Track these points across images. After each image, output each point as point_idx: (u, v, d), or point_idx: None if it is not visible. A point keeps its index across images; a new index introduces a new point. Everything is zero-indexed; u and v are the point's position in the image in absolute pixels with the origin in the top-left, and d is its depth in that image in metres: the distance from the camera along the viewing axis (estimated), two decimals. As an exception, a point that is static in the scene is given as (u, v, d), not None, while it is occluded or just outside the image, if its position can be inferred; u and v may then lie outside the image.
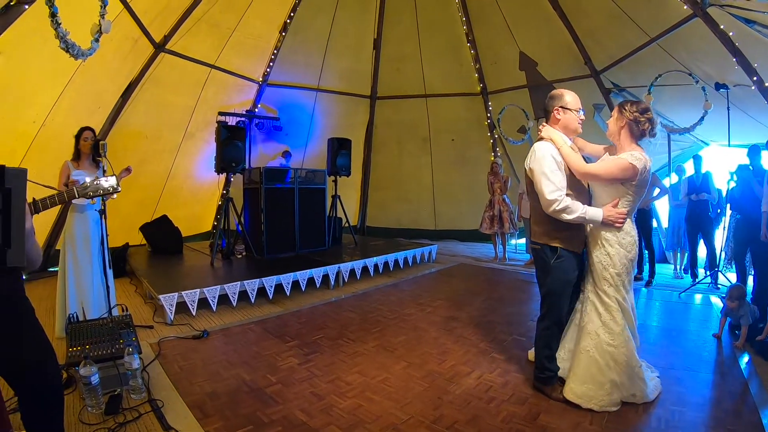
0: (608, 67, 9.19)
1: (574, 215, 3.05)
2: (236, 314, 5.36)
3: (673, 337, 4.84)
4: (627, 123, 3.13)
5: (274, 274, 5.97)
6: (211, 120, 9.28)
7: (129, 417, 2.98)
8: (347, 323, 5.12)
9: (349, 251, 8.25)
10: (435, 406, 3.20)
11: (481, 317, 5.39)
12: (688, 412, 3.14)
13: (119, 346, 3.44)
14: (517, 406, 3.20)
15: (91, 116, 7.22)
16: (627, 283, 3.22)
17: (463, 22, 10.75)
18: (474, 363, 3.99)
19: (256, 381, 3.57)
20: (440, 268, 8.58)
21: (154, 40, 7.81)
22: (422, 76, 11.87)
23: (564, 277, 3.27)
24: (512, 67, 10.74)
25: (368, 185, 12.99)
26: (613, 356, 3.17)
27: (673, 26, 7.36)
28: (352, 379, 3.65)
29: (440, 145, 12.33)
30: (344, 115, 12.15)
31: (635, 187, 3.10)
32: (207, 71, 9.24)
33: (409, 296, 6.44)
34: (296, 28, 10.28)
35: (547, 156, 3.16)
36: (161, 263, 7.27)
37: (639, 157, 3.02)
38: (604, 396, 3.17)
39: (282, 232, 7.59)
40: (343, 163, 8.90)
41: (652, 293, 6.82)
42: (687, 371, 3.86)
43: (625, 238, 3.17)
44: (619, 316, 3.19)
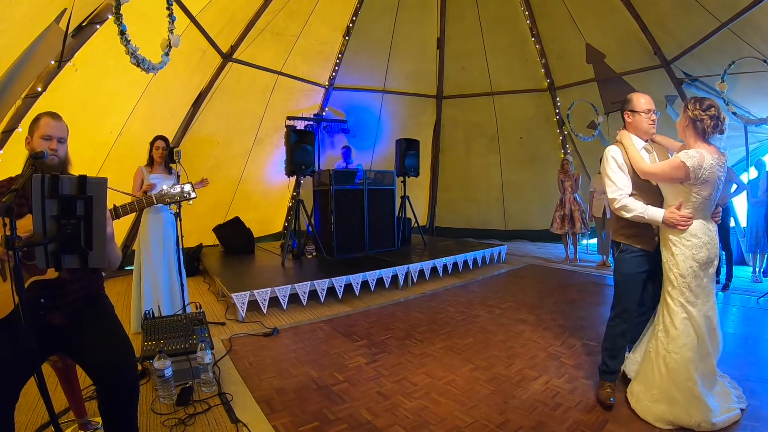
0: (678, 56, 8.69)
1: (633, 213, 3.15)
2: (306, 313, 5.42)
3: (750, 345, 4.52)
4: (690, 121, 3.02)
5: (344, 275, 6.01)
6: (279, 125, 9.46)
7: (199, 408, 3.09)
8: (415, 324, 5.09)
9: (418, 252, 8.20)
10: (500, 411, 3.14)
11: (550, 320, 5.26)
12: (762, 428, 2.92)
13: (192, 341, 3.56)
14: (584, 414, 3.11)
15: (165, 124, 7.52)
16: (695, 288, 3.05)
17: (525, 16, 10.49)
18: (542, 368, 3.90)
19: (324, 379, 3.60)
20: (510, 269, 8.38)
21: (221, 51, 8.06)
22: (488, 74, 11.65)
23: (625, 271, 3.35)
24: (579, 60, 10.37)
25: (437, 186, 12.89)
26: (666, 361, 3.08)
27: (745, 9, 6.92)
28: (418, 379, 3.63)
29: (508, 143, 12.08)
30: (411, 115, 12.12)
31: (696, 187, 2.97)
32: (274, 78, 9.44)
33: (477, 297, 6.32)
34: (359, 32, 10.34)
35: (609, 159, 3.32)
36: (233, 263, 7.47)
37: (692, 155, 2.92)
38: (649, 403, 3.13)
39: (351, 233, 7.63)
40: (412, 163, 8.86)
41: (729, 298, 6.42)
42: (764, 383, 3.59)
43: (690, 240, 3.04)
44: (678, 320, 3.06)
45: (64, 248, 1.87)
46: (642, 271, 3.27)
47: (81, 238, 1.90)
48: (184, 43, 6.85)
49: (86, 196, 1.90)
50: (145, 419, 2.94)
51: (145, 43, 5.04)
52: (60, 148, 2.34)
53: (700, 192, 2.97)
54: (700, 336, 3.02)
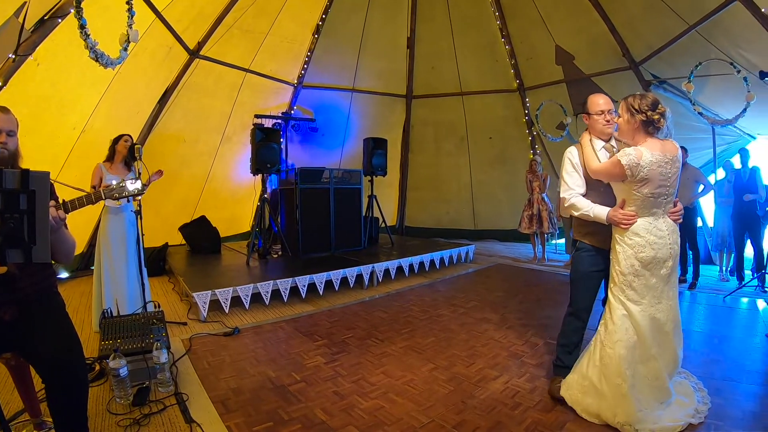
0: (647, 58, 8.90)
1: (580, 211, 3.27)
2: (269, 313, 5.41)
3: (715, 344, 4.62)
4: (637, 119, 3.04)
5: (308, 274, 6.00)
6: (247, 123, 9.39)
7: (154, 409, 3.08)
8: (377, 323, 5.10)
9: (385, 251, 8.23)
10: (458, 411, 3.15)
11: (514, 320, 5.30)
12: (725, 426, 2.98)
13: (149, 340, 3.55)
14: (544, 414, 3.13)
15: (130, 122, 7.45)
16: (639, 287, 3.07)
17: (496, 17, 10.61)
18: (502, 367, 3.92)
19: (281, 378, 3.60)
20: (477, 268, 8.46)
21: (188, 47, 7.99)
22: (458, 74, 11.77)
23: (580, 269, 3.46)
24: (549, 61, 10.54)
25: (406, 185, 12.95)
26: (600, 355, 3.13)
27: (712, 12, 7.08)
28: (376, 379, 3.63)
29: (478, 143, 12.21)
30: (380, 115, 12.15)
31: (635, 185, 3.01)
32: (242, 75, 9.39)
33: (442, 297, 6.36)
34: (329, 30, 10.32)
35: (566, 159, 3.45)
36: (198, 262, 7.41)
37: (629, 153, 2.97)
38: (578, 393, 3.19)
39: (317, 232, 7.64)
40: (379, 162, 8.91)
41: (695, 296, 6.57)
42: (727, 381, 3.65)
43: (632, 238, 3.07)
44: (617, 316, 3.10)
45: (7, 242, 1.87)
46: (597, 270, 3.35)
47: (24, 232, 1.90)
48: (150, 39, 6.83)
49: (29, 190, 1.90)
50: (100, 420, 2.92)
51: (110, 38, 5.00)
52: (9, 142, 2.31)
53: (640, 189, 2.99)
54: (641, 336, 3.03)
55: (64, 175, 6.22)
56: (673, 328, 3.11)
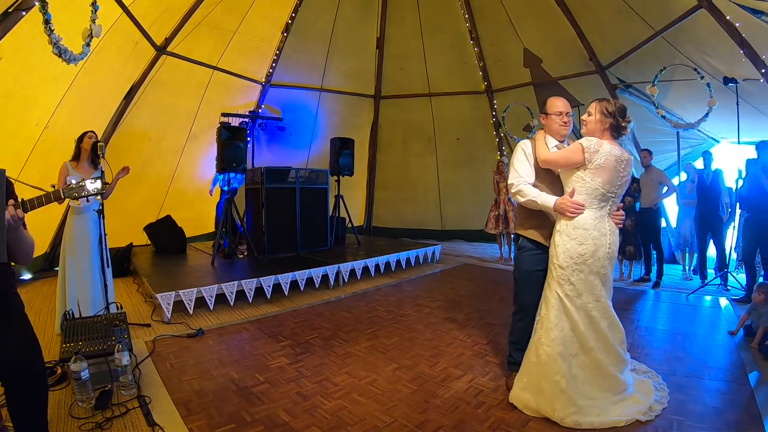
0: (613, 63, 9.13)
1: (527, 198, 3.31)
2: (233, 314, 5.40)
3: (678, 341, 4.73)
4: (607, 123, 3.14)
5: (273, 274, 5.99)
6: (214, 122, 9.30)
7: (117, 412, 3.04)
8: (342, 323, 5.14)
9: (351, 251, 8.27)
10: (421, 410, 3.18)
11: (479, 319, 5.35)
12: (687, 422, 3.04)
13: (111, 342, 3.50)
14: (507, 412, 3.16)
15: (95, 118, 7.34)
16: (577, 282, 3.10)
17: (466, 19, 10.75)
18: (467, 366, 3.96)
19: (244, 380, 3.60)
20: (444, 268, 8.57)
21: (155, 43, 7.88)
22: (426, 75, 11.87)
23: (522, 268, 3.53)
24: (517, 64, 10.72)
25: (374, 185, 13.00)
26: (538, 352, 3.17)
27: (678, 18, 7.29)
28: (340, 380, 3.66)
29: (445, 144, 12.33)
30: (348, 115, 12.17)
31: (590, 172, 3.07)
32: (210, 73, 9.30)
33: (408, 297, 6.44)
34: (298, 28, 10.28)
35: (518, 150, 3.52)
36: (163, 263, 7.33)
37: (591, 139, 3.07)
38: (518, 389, 3.27)
39: (283, 232, 7.63)
40: (346, 162, 8.93)
41: (659, 295, 6.75)
42: (690, 378, 3.75)
43: (575, 230, 3.10)
44: (553, 313, 3.13)
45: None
46: (539, 269, 3.37)
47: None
48: (116, 34, 6.72)
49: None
50: (62, 424, 2.90)
51: (74, 33, 4.95)
52: None
53: (594, 178, 3.05)
54: (577, 330, 3.07)
55: (27, 173, 6.13)
56: (608, 326, 3.14)
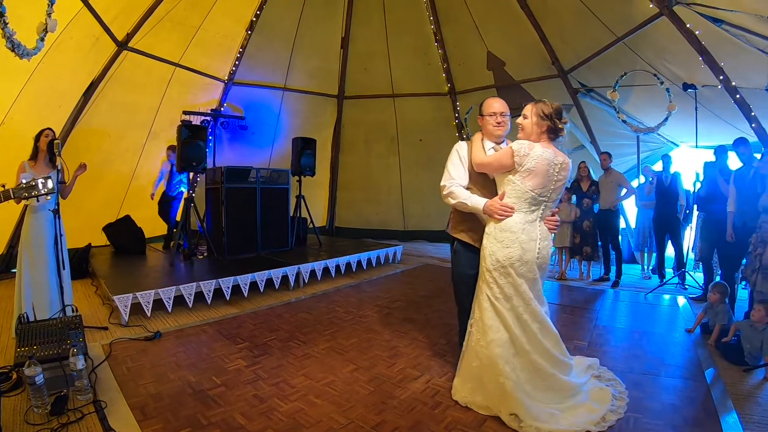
0: (575, 67, 9.32)
1: (457, 200, 3.35)
2: (192, 316, 5.39)
3: (635, 339, 4.88)
4: (547, 127, 3.16)
5: (233, 275, 5.98)
6: (176, 119, 9.17)
7: (72, 417, 3.02)
8: (301, 325, 5.14)
9: (312, 252, 8.29)
10: (378, 411, 3.20)
11: (439, 319, 5.41)
12: (644, 419, 3.11)
13: (65, 346, 3.46)
14: (463, 412, 3.19)
15: (53, 115, 7.20)
16: (505, 285, 3.12)
17: (431, 21, 10.81)
18: (424, 367, 4.01)
19: (201, 383, 3.59)
20: (405, 269, 8.65)
21: (116, 38, 7.74)
22: (390, 76, 11.91)
23: (457, 270, 3.62)
24: (480, 66, 10.85)
25: (336, 186, 13.01)
26: (479, 356, 3.20)
27: (640, 25, 7.46)
28: (297, 382, 3.66)
29: (408, 145, 12.41)
30: (311, 114, 12.13)
31: (520, 175, 3.08)
32: (171, 70, 9.17)
33: (368, 298, 6.49)
34: (263, 26, 10.19)
35: (453, 152, 3.57)
36: (122, 264, 7.25)
37: (522, 143, 3.09)
38: (467, 394, 3.32)
39: (243, 233, 7.60)
40: (308, 162, 8.95)
41: (618, 294, 6.94)
42: (647, 375, 3.86)
43: (503, 233, 3.13)
44: (487, 315, 3.16)
45: None
46: (474, 272, 3.40)
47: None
48: (76, 29, 6.61)
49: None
50: (18, 431, 2.88)
51: (32, 27, 4.86)
52: None
53: (524, 182, 3.07)
54: (512, 333, 3.10)
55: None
56: (539, 329, 3.15)
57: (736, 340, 4.36)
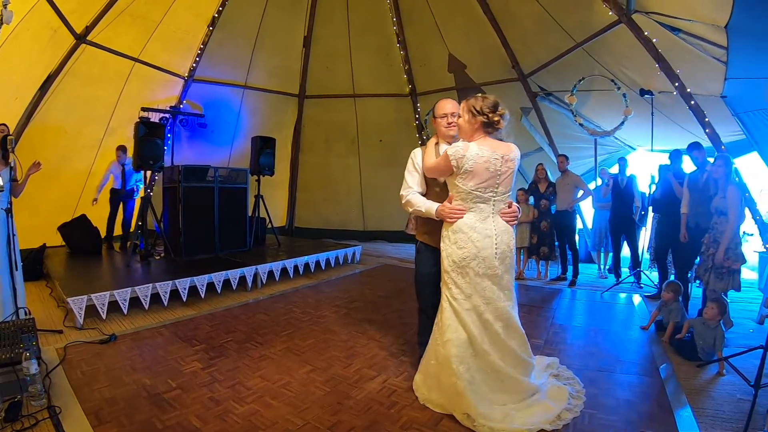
0: (535, 71, 9.54)
1: (414, 208, 3.45)
2: (148, 318, 5.33)
3: (591, 336, 5.02)
4: (481, 123, 3.18)
5: (189, 276, 5.93)
6: (134, 116, 9.01)
7: (27, 424, 2.96)
8: (258, 326, 5.14)
9: (271, 252, 8.29)
10: (333, 412, 3.22)
11: (397, 319, 5.48)
12: (599, 414, 3.18)
13: (18, 351, 3.41)
14: (419, 412, 3.24)
15: (7, 108, 7.04)
16: (464, 285, 3.17)
17: (394, 22, 10.89)
18: (381, 367, 4.05)
19: (157, 386, 3.57)
20: (364, 269, 8.72)
21: (74, 31, 7.60)
22: (351, 76, 11.95)
23: (419, 269, 3.71)
24: (441, 69, 10.98)
25: (296, 186, 12.98)
26: (437, 353, 3.25)
27: (599, 31, 7.69)
28: (253, 383, 3.67)
29: (368, 145, 12.46)
30: (272, 113, 12.06)
31: (461, 177, 3.12)
32: (131, 65, 9.02)
33: (326, 298, 6.52)
34: (225, 22, 10.08)
35: (409, 159, 3.65)
36: (77, 265, 7.11)
37: (457, 145, 3.14)
38: (425, 391, 3.39)
39: (201, 233, 7.52)
40: (267, 162, 8.93)
41: (575, 293, 7.11)
42: (602, 372, 3.97)
43: (455, 234, 3.17)
44: (446, 314, 3.21)
45: None
46: (436, 270, 3.44)
47: None
48: (33, 20, 6.49)
49: None
50: None
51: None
52: None
53: (466, 183, 3.11)
54: (470, 334, 3.12)
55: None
56: (503, 328, 3.18)
57: (689, 336, 4.53)
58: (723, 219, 4.96)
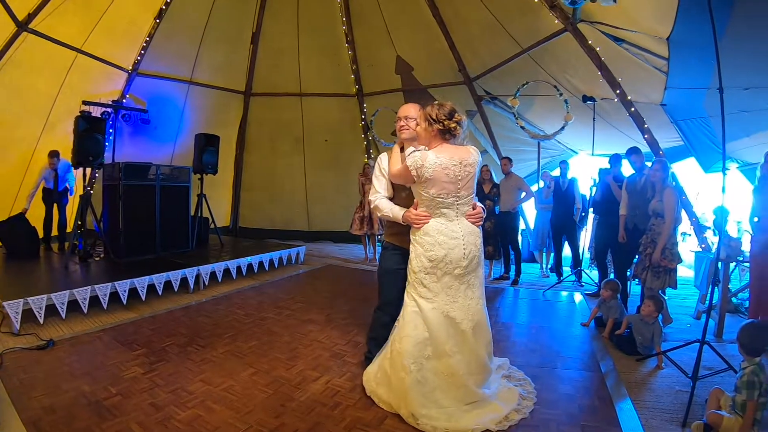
0: (481, 75, 9.84)
1: (382, 212, 3.53)
2: (87, 322, 5.19)
3: (533, 334, 5.20)
4: (438, 131, 3.24)
5: (129, 278, 5.81)
6: (74, 109, 8.76)
7: None
8: (200, 329, 5.09)
9: (214, 253, 8.22)
10: (276, 414, 3.23)
11: (340, 320, 5.54)
12: (541, 410, 3.28)
13: None
14: (363, 412, 3.28)
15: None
16: (431, 285, 3.22)
17: (343, 22, 11.00)
18: (324, 368, 4.08)
19: (96, 393, 3.48)
20: (308, 269, 8.77)
21: (16, 18, 7.38)
22: (298, 75, 11.97)
23: (385, 266, 3.78)
24: (388, 70, 11.16)
25: (240, 185, 12.88)
26: (392, 348, 3.32)
27: (545, 38, 7.98)
28: (195, 388, 3.63)
29: (313, 145, 12.50)
30: (217, 110, 11.92)
31: (422, 185, 3.20)
32: (73, 56, 8.76)
33: (269, 299, 6.51)
34: (173, 15, 9.86)
35: (376, 164, 3.72)
36: (13, 267, 6.86)
37: (414, 155, 3.17)
38: (374, 384, 3.45)
39: (142, 233, 7.34)
40: (210, 160, 8.89)
41: (518, 292, 7.36)
42: (544, 368, 4.10)
43: (423, 238, 3.23)
44: (408, 312, 3.26)
45: None
46: (399, 268, 3.54)
47: None
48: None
49: None
50: None
51: None
52: None
53: (427, 190, 3.17)
54: (433, 332, 3.16)
55: None
56: (471, 327, 3.22)
57: (628, 332, 4.76)
58: (660, 220, 5.25)
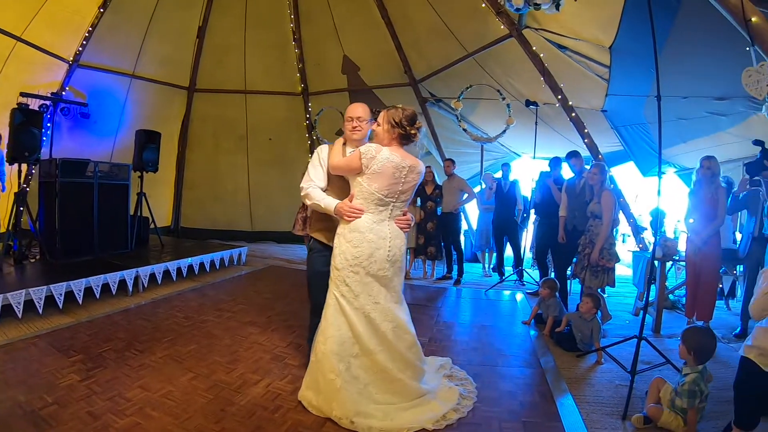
0: (426, 77, 10.10)
1: (312, 201, 3.51)
2: (22, 327, 4.97)
3: (475, 332, 5.32)
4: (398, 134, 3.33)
5: (66, 280, 5.63)
6: (11, 102, 8.31)
7: None
8: (138, 333, 4.99)
9: (154, 254, 8.09)
10: (217, 420, 3.20)
11: (281, 321, 5.53)
12: (482, 407, 3.34)
13: None
14: (304, 415, 3.27)
15: None
16: (354, 284, 3.25)
17: (291, 19, 11.00)
18: (265, 371, 4.07)
19: (31, 402, 3.35)
20: (250, 270, 8.76)
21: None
22: (244, 71, 11.89)
23: (312, 268, 3.83)
24: (335, 69, 11.25)
25: (182, 183, 12.67)
26: (316, 350, 3.31)
27: (490, 43, 8.25)
28: (133, 394, 3.55)
29: (257, 144, 12.44)
30: (159, 106, 11.65)
31: (366, 177, 3.24)
32: (12, 44, 8.32)
33: (210, 301, 6.47)
34: (118, 5, 9.50)
35: (314, 154, 3.74)
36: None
37: (369, 146, 3.25)
38: (304, 388, 3.43)
39: (79, 233, 7.14)
40: (150, 157, 8.74)
41: (460, 291, 7.54)
42: (485, 366, 4.18)
43: (351, 233, 3.27)
44: (330, 311, 3.29)
45: None
46: (328, 270, 3.47)
47: None
48: None
49: None
50: None
51: None
52: None
53: (371, 183, 3.22)
54: (356, 332, 3.20)
55: None
56: (391, 329, 3.26)
57: (568, 329, 4.92)
58: (598, 222, 5.52)
